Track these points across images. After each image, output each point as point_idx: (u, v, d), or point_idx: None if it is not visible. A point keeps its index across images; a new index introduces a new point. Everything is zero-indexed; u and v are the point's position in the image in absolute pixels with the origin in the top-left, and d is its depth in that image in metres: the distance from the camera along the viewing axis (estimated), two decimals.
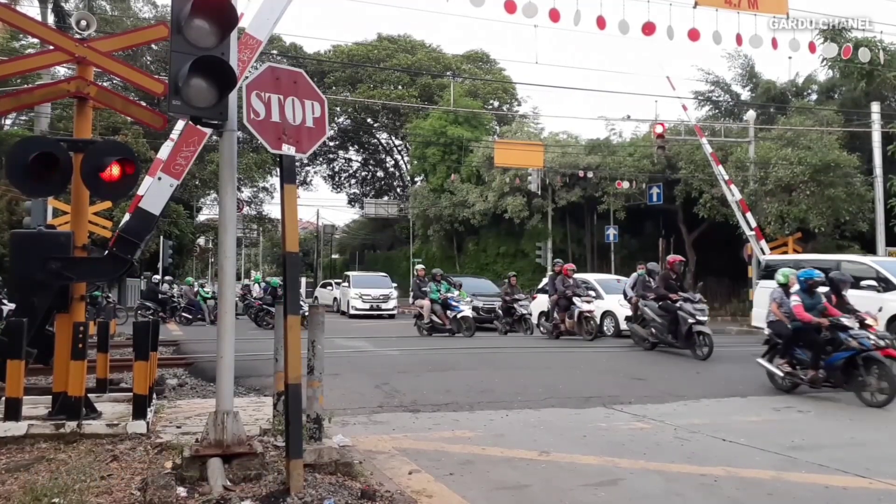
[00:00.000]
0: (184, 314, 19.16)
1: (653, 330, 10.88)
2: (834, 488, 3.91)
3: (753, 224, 17.19)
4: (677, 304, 10.26)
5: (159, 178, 5.32)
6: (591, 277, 15.78)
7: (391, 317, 22.12)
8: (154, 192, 5.34)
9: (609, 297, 14.21)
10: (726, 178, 17.81)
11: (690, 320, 10.00)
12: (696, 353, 9.91)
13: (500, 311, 15.95)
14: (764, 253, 17.08)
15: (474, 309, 16.39)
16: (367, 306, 22.20)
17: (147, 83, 5.54)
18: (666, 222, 25.63)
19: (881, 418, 6.29)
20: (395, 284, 24.65)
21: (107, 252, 5.18)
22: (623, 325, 13.14)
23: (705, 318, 10.23)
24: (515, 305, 15.40)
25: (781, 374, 7.25)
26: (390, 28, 59.36)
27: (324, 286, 30.09)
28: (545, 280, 16.70)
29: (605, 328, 14.04)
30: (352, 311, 22.21)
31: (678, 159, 22.76)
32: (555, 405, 6.37)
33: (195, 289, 20.66)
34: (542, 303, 15.46)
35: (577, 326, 13.07)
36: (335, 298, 25.65)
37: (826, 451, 4.76)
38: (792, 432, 5.33)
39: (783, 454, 4.63)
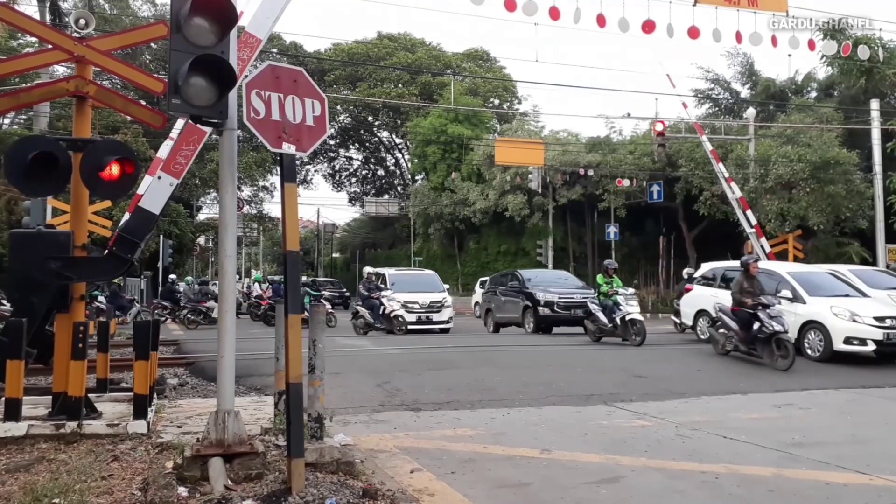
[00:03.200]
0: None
1: None
2: (834, 485, 3.91)
3: (754, 221, 17.21)
4: None
5: (159, 178, 5.31)
6: (781, 269, 10.97)
7: (444, 331, 16.50)
8: (154, 191, 5.32)
9: (814, 299, 9.72)
10: (726, 175, 17.83)
11: None
12: None
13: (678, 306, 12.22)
14: (765, 250, 17.07)
15: (547, 305, 14.20)
16: (413, 318, 16.05)
17: (146, 82, 5.53)
18: (666, 220, 25.65)
19: (881, 415, 6.29)
20: (447, 286, 18.55)
21: (107, 251, 5.18)
22: (840, 344, 9.06)
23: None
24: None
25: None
26: (390, 26, 59.39)
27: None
28: (705, 267, 12.79)
29: (807, 345, 9.49)
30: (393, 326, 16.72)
31: (678, 157, 22.79)
32: (556, 403, 6.36)
33: (195, 288, 20.69)
34: (699, 299, 11.61)
35: None
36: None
37: (826, 447, 4.76)
38: (792, 429, 5.32)
39: (784, 451, 4.63)
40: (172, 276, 20.50)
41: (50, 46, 5.16)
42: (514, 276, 16.43)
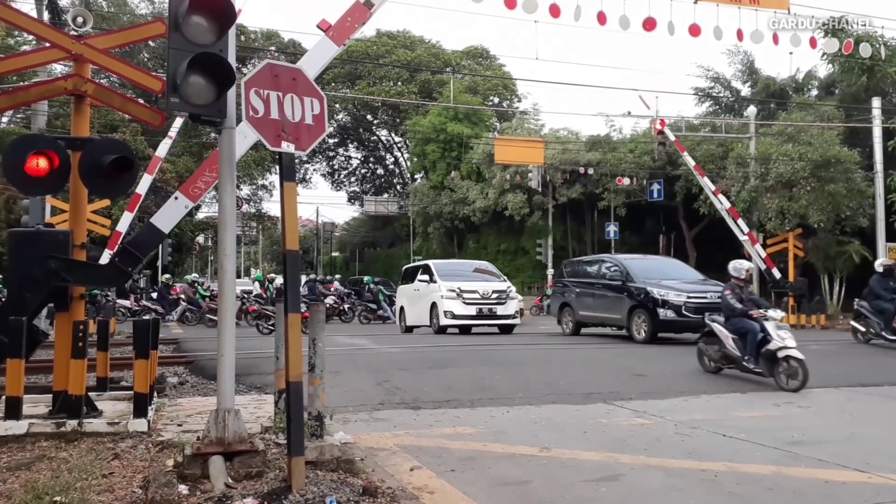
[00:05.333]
0: (186, 314, 19.26)
1: None
2: (833, 483, 3.92)
3: (746, 230, 17.19)
4: None
5: (176, 198, 5.46)
6: None
7: (509, 328, 13.93)
8: (168, 210, 5.43)
9: None
10: (713, 188, 17.85)
11: None
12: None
13: None
14: (761, 256, 17.01)
15: (671, 307, 10.64)
16: (472, 311, 13.35)
17: (145, 80, 5.52)
18: (667, 219, 25.65)
19: (881, 414, 6.29)
20: (503, 277, 15.30)
21: (108, 260, 5.23)
22: None
23: None
24: None
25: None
26: (389, 24, 59.26)
27: (410, 276, 16.05)
28: None
29: None
30: (446, 320, 13.53)
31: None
32: (555, 401, 6.37)
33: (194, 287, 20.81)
34: None
35: None
36: (433, 305, 14.06)
37: (826, 446, 4.77)
38: (792, 428, 5.33)
39: (783, 449, 4.64)
40: (194, 276, 20.67)
41: (48, 45, 5.16)
42: (612, 263, 12.63)
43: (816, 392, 7.16)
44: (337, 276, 26.16)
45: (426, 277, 14.62)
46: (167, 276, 21.63)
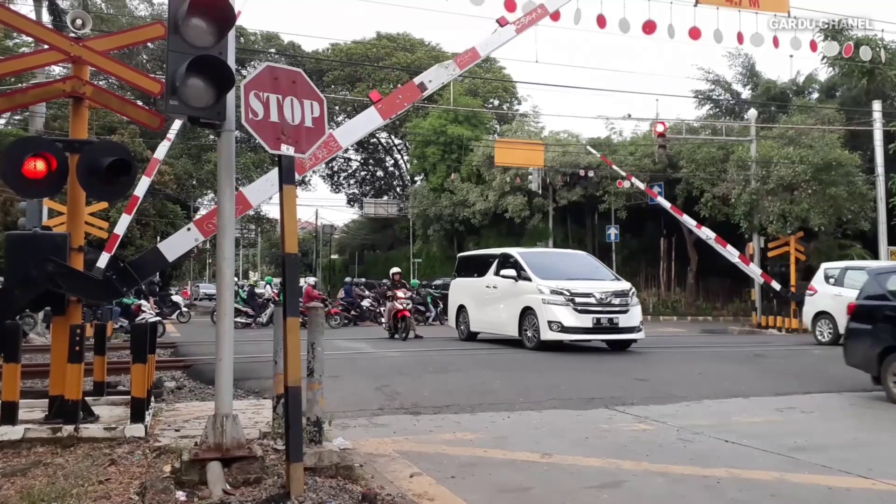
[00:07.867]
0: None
1: None
2: (837, 489, 3.88)
3: (737, 253, 17.21)
4: None
5: (188, 229, 5.55)
6: None
7: (625, 345, 10.81)
8: (178, 239, 5.48)
9: None
10: (693, 224, 17.87)
11: None
12: None
13: None
14: (758, 273, 16.95)
15: None
16: (587, 322, 10.15)
17: (143, 83, 5.50)
18: (667, 221, 25.58)
19: (884, 419, 6.25)
20: (615, 273, 11.97)
21: (104, 277, 5.25)
22: None
23: None
24: None
25: None
26: (389, 26, 59.38)
27: (474, 268, 12.80)
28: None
29: None
30: (551, 334, 10.31)
31: (679, 158, 22.76)
32: (557, 407, 6.33)
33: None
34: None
35: None
36: (525, 311, 10.89)
37: (829, 451, 4.73)
38: (795, 433, 5.29)
39: (786, 455, 4.60)
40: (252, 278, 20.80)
41: (46, 46, 5.13)
42: None
43: (819, 397, 7.13)
44: (357, 280, 26.01)
45: (511, 272, 11.11)
46: (255, 279, 21.61)
